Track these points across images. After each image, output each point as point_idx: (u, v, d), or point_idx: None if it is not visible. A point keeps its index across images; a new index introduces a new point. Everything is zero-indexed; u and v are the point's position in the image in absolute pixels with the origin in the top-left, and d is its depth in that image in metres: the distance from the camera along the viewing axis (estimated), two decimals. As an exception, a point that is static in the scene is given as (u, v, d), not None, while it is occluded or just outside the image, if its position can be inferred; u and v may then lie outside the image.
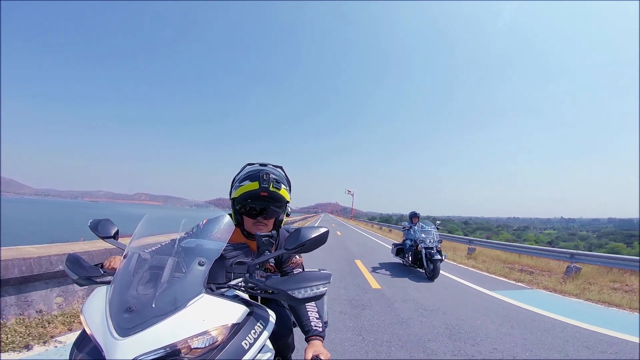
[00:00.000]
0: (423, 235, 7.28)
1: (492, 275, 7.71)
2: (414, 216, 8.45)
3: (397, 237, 17.92)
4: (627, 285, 6.53)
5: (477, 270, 8.36)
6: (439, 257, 6.69)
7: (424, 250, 6.94)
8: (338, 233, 20.72)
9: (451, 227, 52.80)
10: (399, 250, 8.43)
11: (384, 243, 15.48)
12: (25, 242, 4.12)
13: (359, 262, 8.53)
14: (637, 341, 3.48)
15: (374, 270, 7.58)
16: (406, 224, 8.53)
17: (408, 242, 7.91)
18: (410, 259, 7.60)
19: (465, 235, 19.33)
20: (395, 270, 7.73)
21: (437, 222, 8.30)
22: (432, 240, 7.08)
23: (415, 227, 7.87)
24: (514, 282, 6.95)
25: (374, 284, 6.04)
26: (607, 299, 5.42)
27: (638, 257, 6.71)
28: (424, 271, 7.12)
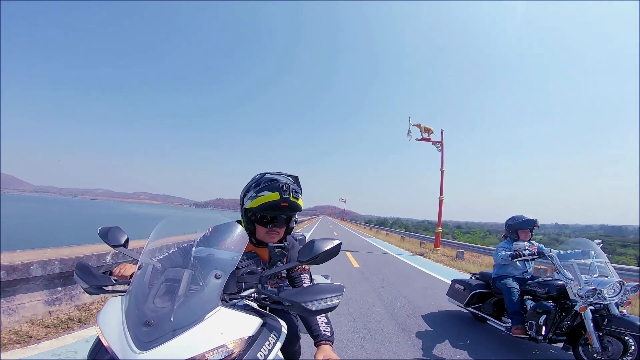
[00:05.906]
0: (583, 276, 2.91)
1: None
2: (522, 227, 3.71)
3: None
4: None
5: None
6: None
7: (589, 311, 2.76)
8: (330, 227, 36.05)
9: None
10: (477, 295, 3.94)
11: (352, 230, 32.22)
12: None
13: (335, 233, 22.61)
14: None
15: (427, 349, 3.16)
16: (519, 244, 3.34)
17: (512, 282, 3.51)
18: (543, 327, 3.00)
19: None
20: (481, 347, 3.30)
21: (597, 241, 3.28)
22: (616, 290, 2.79)
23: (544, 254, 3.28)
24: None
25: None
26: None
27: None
28: (564, 347, 3.03)
